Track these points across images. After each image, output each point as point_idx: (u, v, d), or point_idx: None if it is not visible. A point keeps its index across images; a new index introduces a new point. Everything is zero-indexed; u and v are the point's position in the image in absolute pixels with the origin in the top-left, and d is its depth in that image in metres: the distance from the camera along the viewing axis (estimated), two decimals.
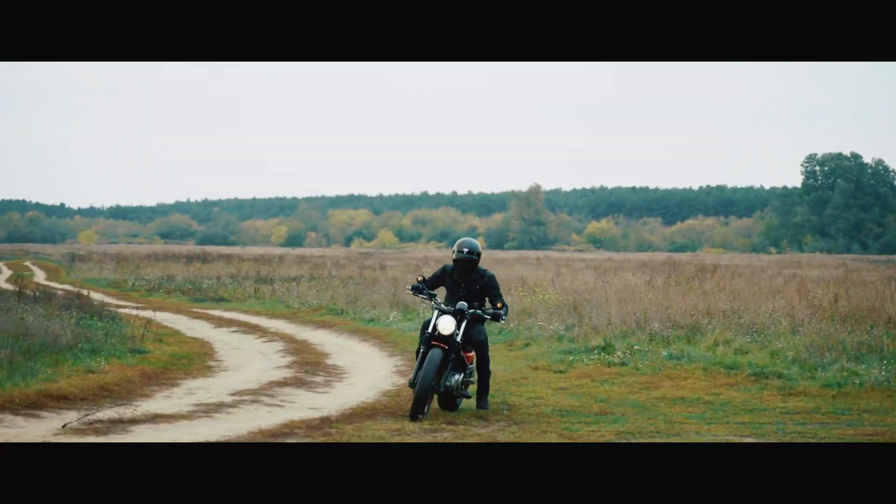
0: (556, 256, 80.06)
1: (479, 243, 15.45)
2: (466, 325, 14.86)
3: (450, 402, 15.02)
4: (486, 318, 14.99)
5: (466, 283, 15.10)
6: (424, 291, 15.15)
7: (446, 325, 14.49)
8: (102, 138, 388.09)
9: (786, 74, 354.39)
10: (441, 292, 15.98)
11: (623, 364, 19.07)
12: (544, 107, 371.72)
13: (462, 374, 14.90)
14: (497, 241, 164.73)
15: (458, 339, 14.61)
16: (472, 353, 15.20)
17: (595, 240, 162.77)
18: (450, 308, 14.79)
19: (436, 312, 14.83)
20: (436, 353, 14.33)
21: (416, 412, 14.08)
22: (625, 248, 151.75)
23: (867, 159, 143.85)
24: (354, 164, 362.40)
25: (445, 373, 14.56)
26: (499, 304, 14.87)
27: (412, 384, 14.54)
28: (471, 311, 14.87)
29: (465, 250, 15.02)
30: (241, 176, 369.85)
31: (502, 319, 15.00)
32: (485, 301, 15.23)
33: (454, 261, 15.12)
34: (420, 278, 15.20)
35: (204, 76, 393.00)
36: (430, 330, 14.66)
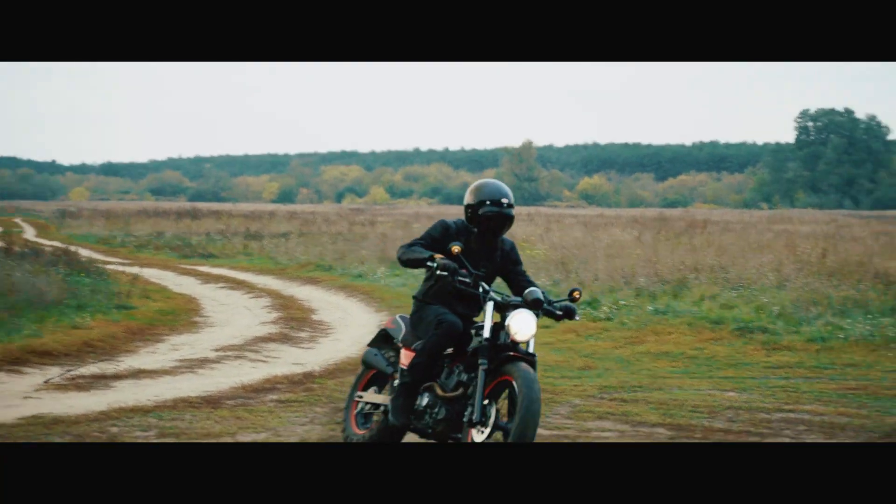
0: (548, 212, 79.86)
1: None
2: None
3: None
4: (556, 315, 8.88)
5: (486, 253, 9.06)
6: (469, 275, 8.84)
7: (526, 325, 8.45)
8: (95, 95, 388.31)
9: None
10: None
11: (608, 319, 19.09)
12: (538, 62, 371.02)
13: None
14: None
15: (532, 347, 8.59)
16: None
17: (587, 196, 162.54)
18: (516, 299, 8.77)
19: (490, 305, 8.66)
20: (530, 373, 8.25)
21: None
22: (617, 204, 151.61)
23: (860, 115, 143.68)
24: (347, 120, 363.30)
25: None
26: (576, 293, 8.93)
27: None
28: (547, 302, 8.81)
29: (505, 201, 8.90)
30: (233, 132, 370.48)
31: (577, 317, 8.99)
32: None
33: (482, 216, 8.92)
34: (456, 249, 8.65)
35: None
36: (486, 333, 8.49)
